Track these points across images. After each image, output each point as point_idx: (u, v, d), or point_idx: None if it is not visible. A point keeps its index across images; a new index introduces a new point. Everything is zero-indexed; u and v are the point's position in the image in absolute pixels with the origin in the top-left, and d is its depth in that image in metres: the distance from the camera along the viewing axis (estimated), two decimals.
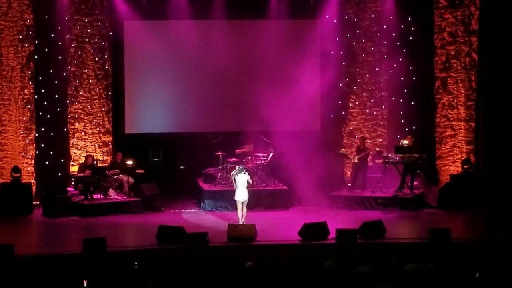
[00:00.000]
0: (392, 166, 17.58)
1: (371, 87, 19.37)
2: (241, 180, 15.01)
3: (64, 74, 18.38)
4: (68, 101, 18.53)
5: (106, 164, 18.25)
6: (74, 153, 18.58)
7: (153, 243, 13.73)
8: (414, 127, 18.72)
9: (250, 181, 15.25)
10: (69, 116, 18.56)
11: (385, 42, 19.08)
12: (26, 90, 17.98)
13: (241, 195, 15.01)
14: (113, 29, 18.84)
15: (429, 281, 8.78)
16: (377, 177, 17.64)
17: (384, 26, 19.06)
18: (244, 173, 15.13)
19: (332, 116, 19.46)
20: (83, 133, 18.68)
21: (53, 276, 11.23)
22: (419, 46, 18.77)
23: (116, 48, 18.99)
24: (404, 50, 18.83)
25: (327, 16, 19.33)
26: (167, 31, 19.19)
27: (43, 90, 18.11)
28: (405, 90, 18.83)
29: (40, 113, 18.12)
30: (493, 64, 18.09)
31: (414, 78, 18.78)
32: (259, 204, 17.44)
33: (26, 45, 17.95)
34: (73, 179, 17.99)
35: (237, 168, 15.40)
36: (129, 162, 17.56)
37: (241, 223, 14.93)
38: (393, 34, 18.92)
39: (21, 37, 17.89)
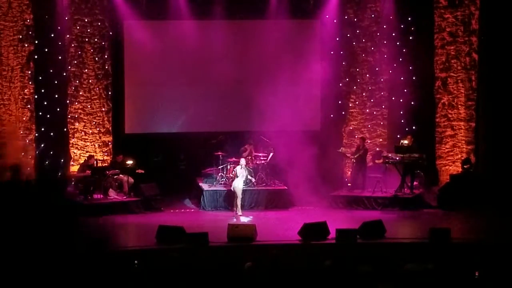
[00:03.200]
0: (392, 166, 17.58)
1: (371, 87, 19.37)
2: (242, 173, 16.77)
3: (64, 74, 18.37)
4: (68, 101, 18.53)
5: (106, 164, 18.24)
6: (74, 153, 18.58)
7: (153, 243, 13.73)
8: (414, 127, 18.71)
9: (250, 177, 16.74)
10: (69, 116, 18.55)
11: (385, 42, 19.08)
12: (26, 90, 17.97)
13: (240, 184, 16.68)
14: (113, 29, 18.85)
15: (429, 281, 8.79)
16: (377, 177, 17.64)
17: (384, 26, 19.06)
18: (247, 168, 16.65)
19: (332, 116, 19.46)
20: (83, 133, 18.68)
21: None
22: (419, 46, 18.77)
23: (116, 48, 18.99)
24: (404, 50, 18.82)
25: (327, 16, 19.33)
26: (167, 31, 19.19)
27: (43, 90, 18.09)
28: (405, 90, 18.82)
29: (40, 113, 18.10)
30: (493, 64, 18.08)
31: (414, 78, 18.78)
32: (259, 204, 17.46)
33: (26, 45, 17.94)
34: (73, 179, 17.99)
35: (240, 162, 16.74)
36: (129, 162, 17.56)
37: (239, 213, 16.41)
38: (393, 34, 18.91)
39: (21, 37, 17.89)
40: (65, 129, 18.41)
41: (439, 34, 18.78)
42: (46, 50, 18.07)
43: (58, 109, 18.28)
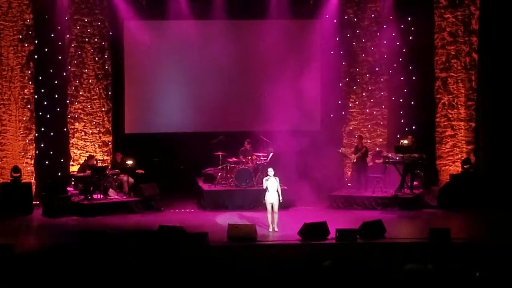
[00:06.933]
0: (392, 166, 17.58)
1: (371, 87, 19.37)
2: (272, 184, 14.81)
3: (64, 74, 18.38)
4: (68, 101, 18.54)
5: (106, 164, 18.25)
6: (74, 153, 18.58)
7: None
8: (414, 127, 18.71)
9: (280, 189, 14.92)
10: (69, 116, 18.56)
11: (385, 42, 19.08)
12: (26, 90, 17.98)
13: (271, 196, 14.79)
14: (113, 29, 18.86)
15: (429, 281, 8.78)
16: (377, 177, 17.64)
17: (384, 26, 19.06)
18: (276, 178, 14.88)
19: (332, 116, 19.47)
20: (83, 133, 18.69)
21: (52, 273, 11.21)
22: (419, 46, 18.77)
23: (116, 48, 19.00)
24: (404, 50, 18.83)
25: (327, 16, 19.34)
26: (167, 31, 19.22)
27: (43, 90, 18.10)
28: (405, 90, 18.82)
29: (40, 113, 18.12)
30: (493, 64, 18.08)
31: (414, 78, 18.78)
32: (259, 204, 17.41)
33: (26, 45, 17.95)
34: (73, 179, 18.00)
35: (269, 173, 14.97)
36: (129, 162, 17.57)
37: (271, 230, 14.79)
38: (393, 34, 18.91)
39: (21, 37, 17.89)
40: (65, 129, 18.42)
41: (439, 34, 18.77)
42: (46, 50, 18.09)
43: (58, 109, 18.30)
